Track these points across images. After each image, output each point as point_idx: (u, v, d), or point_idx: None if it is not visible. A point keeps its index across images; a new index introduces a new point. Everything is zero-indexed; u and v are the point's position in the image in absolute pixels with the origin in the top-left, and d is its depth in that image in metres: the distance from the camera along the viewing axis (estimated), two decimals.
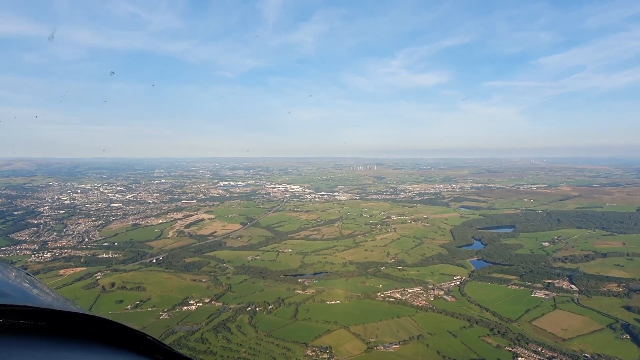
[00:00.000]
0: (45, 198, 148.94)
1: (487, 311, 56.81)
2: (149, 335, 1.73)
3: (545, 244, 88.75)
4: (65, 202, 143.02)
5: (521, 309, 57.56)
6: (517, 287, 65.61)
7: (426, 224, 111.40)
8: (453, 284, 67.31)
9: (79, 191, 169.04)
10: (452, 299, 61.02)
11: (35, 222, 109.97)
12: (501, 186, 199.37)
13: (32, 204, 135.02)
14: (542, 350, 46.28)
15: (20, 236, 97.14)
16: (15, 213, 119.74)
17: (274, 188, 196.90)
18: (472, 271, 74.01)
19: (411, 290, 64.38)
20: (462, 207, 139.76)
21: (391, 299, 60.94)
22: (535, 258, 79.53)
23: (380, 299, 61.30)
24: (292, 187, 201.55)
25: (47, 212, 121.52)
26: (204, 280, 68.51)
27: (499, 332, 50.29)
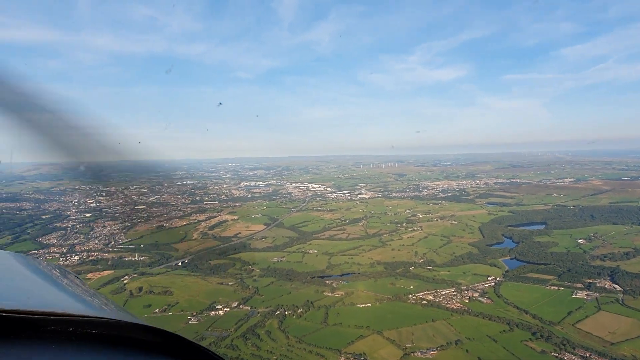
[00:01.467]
0: (71, 201, 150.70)
1: (526, 314, 54.17)
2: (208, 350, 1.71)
3: (581, 241, 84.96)
4: (91, 205, 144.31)
5: (563, 310, 54.70)
6: (555, 288, 62.60)
7: (453, 222, 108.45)
8: (487, 285, 64.69)
9: (104, 194, 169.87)
10: (488, 301, 58.53)
11: (63, 225, 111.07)
12: (527, 181, 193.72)
13: (59, 208, 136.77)
14: (590, 355, 43.66)
15: (49, 239, 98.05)
16: (43, 217, 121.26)
17: (295, 187, 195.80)
18: (506, 271, 71.12)
19: (444, 292, 62.08)
20: (489, 203, 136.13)
21: (424, 301, 58.80)
22: (572, 256, 76.06)
23: (412, 301, 59.23)
24: (314, 186, 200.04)
25: (74, 216, 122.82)
26: (230, 283, 67.49)
27: (541, 336, 47.75)
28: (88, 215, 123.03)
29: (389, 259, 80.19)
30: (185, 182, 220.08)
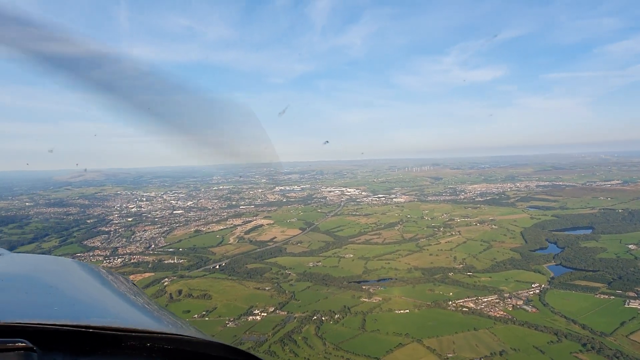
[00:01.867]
0: (114, 206, 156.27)
1: (575, 323, 51.43)
2: None
3: (632, 246, 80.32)
4: (133, 210, 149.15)
5: (614, 321, 51.60)
6: (606, 297, 59.19)
7: (493, 226, 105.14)
8: (532, 293, 62.02)
9: (144, 199, 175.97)
10: (534, 310, 55.99)
11: (106, 229, 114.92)
12: (571, 184, 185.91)
13: (102, 212, 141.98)
14: None
15: (93, 243, 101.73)
16: (88, 221, 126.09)
17: (330, 192, 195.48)
18: (552, 278, 68.01)
19: (485, 299, 59.96)
20: (531, 207, 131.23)
21: (464, 309, 56.94)
22: (623, 263, 71.92)
23: (452, 308, 57.48)
24: (348, 190, 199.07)
25: (116, 220, 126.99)
26: (267, 288, 67.61)
27: (592, 347, 45.15)
28: (129, 219, 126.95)
29: (427, 264, 78.43)
30: (221, 187, 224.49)
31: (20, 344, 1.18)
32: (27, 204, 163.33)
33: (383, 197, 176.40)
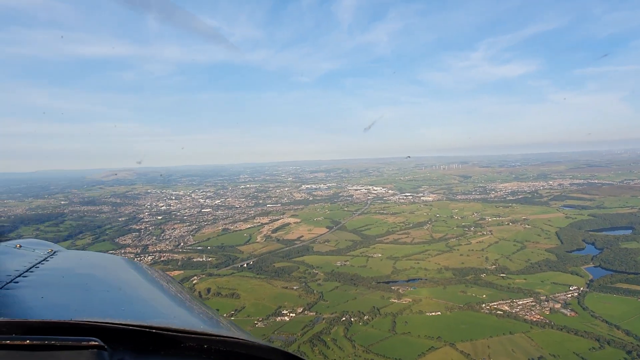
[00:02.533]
0: (144, 205, 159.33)
1: (617, 329, 48.92)
2: None
3: None
4: (162, 208, 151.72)
5: None
6: None
7: (526, 226, 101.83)
8: (570, 296, 59.49)
9: (173, 197, 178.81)
10: (572, 314, 53.61)
11: (137, 227, 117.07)
12: (607, 182, 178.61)
13: (133, 211, 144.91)
14: None
15: (125, 240, 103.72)
16: (120, 219, 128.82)
17: (356, 190, 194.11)
18: (591, 280, 65.10)
19: (521, 302, 57.82)
20: (565, 206, 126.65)
21: (499, 312, 55.05)
22: None
23: (486, 311, 55.66)
24: (375, 188, 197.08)
25: (146, 218, 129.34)
26: (295, 287, 67.19)
27: (638, 355, 42.80)
28: (159, 217, 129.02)
29: (458, 264, 76.51)
30: (248, 185, 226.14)
31: (93, 343, 1.26)
32: (62, 202, 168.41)
33: (410, 195, 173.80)
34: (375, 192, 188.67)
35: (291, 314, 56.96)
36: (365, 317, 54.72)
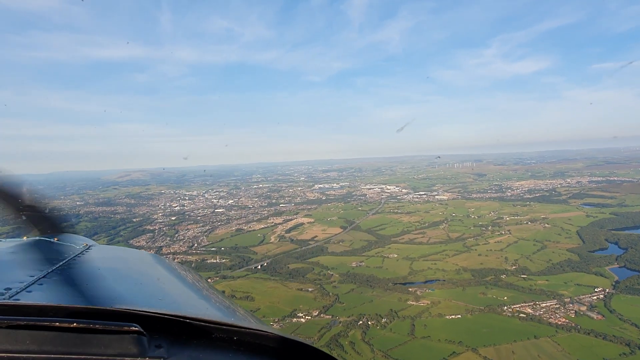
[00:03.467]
0: (158, 205, 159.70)
1: None
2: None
3: None
4: (176, 208, 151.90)
5: None
6: None
7: (546, 225, 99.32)
8: (595, 298, 57.35)
9: (187, 198, 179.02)
10: (599, 317, 51.56)
11: (151, 228, 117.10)
12: (628, 179, 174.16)
13: (147, 211, 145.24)
14: None
15: (139, 242, 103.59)
16: (134, 220, 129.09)
17: (369, 189, 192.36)
18: (617, 282, 62.72)
19: (544, 305, 55.91)
20: (585, 204, 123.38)
21: (521, 315, 53.27)
22: None
23: (508, 314, 53.90)
24: (388, 187, 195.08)
25: (160, 219, 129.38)
26: (310, 289, 66.06)
27: None
28: (173, 218, 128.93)
29: (476, 265, 74.60)
30: (261, 185, 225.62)
31: (133, 328, 1.36)
32: (77, 203, 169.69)
33: (425, 194, 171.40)
34: (389, 191, 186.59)
35: (307, 317, 55.90)
36: (383, 320, 53.38)
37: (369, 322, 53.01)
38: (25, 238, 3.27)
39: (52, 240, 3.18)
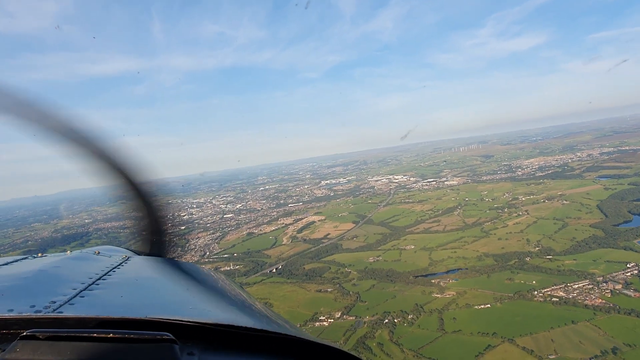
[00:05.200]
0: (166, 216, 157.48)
1: None
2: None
3: None
4: (184, 217, 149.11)
5: None
6: None
7: (564, 202, 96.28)
8: (629, 274, 54.48)
9: (194, 206, 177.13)
10: (637, 294, 48.72)
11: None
12: (639, 147, 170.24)
13: None
14: None
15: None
16: (144, 233, 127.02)
17: (377, 181, 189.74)
18: None
19: (576, 286, 53.22)
20: (601, 177, 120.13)
21: (554, 299, 50.66)
22: None
23: (540, 299, 51.31)
24: (396, 177, 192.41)
25: (169, 230, 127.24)
26: (329, 290, 63.76)
27: None
28: (182, 228, 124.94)
29: (498, 250, 71.98)
30: (267, 186, 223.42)
31: (165, 337, 1.41)
32: (86, 220, 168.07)
33: (433, 181, 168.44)
34: (397, 181, 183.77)
35: (329, 319, 53.62)
36: (410, 317, 50.97)
37: (395, 320, 50.63)
38: (68, 252, 3.32)
39: (93, 253, 3.32)
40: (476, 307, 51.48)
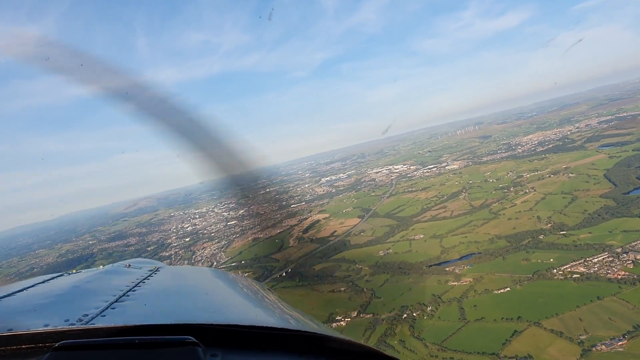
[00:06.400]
0: (170, 229, 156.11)
1: None
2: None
3: None
4: (188, 229, 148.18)
5: None
6: None
7: (570, 175, 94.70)
8: None
9: (197, 216, 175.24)
10: None
11: (167, 254, 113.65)
12: (637, 112, 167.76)
13: (160, 237, 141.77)
14: None
15: None
16: (148, 249, 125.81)
17: (377, 172, 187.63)
18: None
19: (596, 260, 51.61)
20: (603, 146, 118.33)
21: (575, 275, 49.08)
22: None
23: (560, 277, 49.74)
24: (395, 167, 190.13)
25: (175, 243, 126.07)
26: (342, 289, 62.25)
27: None
28: (187, 240, 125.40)
29: (509, 230, 70.44)
30: (267, 189, 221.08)
31: (189, 340, 1.51)
32: (90, 242, 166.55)
33: (434, 167, 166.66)
34: (397, 170, 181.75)
35: (346, 319, 52.08)
36: (429, 309, 49.43)
37: (414, 314, 49.09)
38: (101, 267, 3.57)
39: (124, 266, 3.56)
40: (495, 292, 49.93)
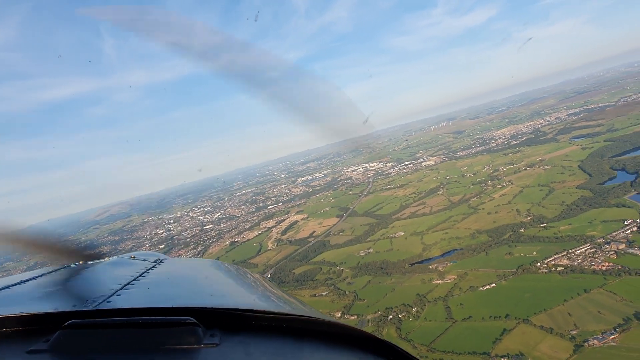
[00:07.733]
0: (144, 236, 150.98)
1: None
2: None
3: None
4: (162, 235, 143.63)
5: None
6: None
7: (545, 167, 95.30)
8: (629, 231, 52.73)
9: (171, 221, 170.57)
10: None
11: None
12: (605, 104, 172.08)
13: (134, 245, 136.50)
14: None
15: None
16: None
17: (353, 171, 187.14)
18: None
19: (578, 251, 51.25)
20: (575, 137, 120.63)
21: (559, 268, 48.56)
22: None
23: (544, 270, 49.14)
24: (372, 165, 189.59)
25: (148, 250, 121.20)
26: (324, 293, 60.21)
27: None
28: (162, 246, 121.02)
29: (490, 224, 69.89)
30: (244, 191, 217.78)
31: (189, 321, 1.64)
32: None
33: (410, 163, 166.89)
34: (373, 168, 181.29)
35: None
36: (414, 310, 48.02)
37: (400, 315, 47.57)
38: (107, 259, 3.58)
39: (129, 258, 3.62)
40: (481, 288, 48.94)
